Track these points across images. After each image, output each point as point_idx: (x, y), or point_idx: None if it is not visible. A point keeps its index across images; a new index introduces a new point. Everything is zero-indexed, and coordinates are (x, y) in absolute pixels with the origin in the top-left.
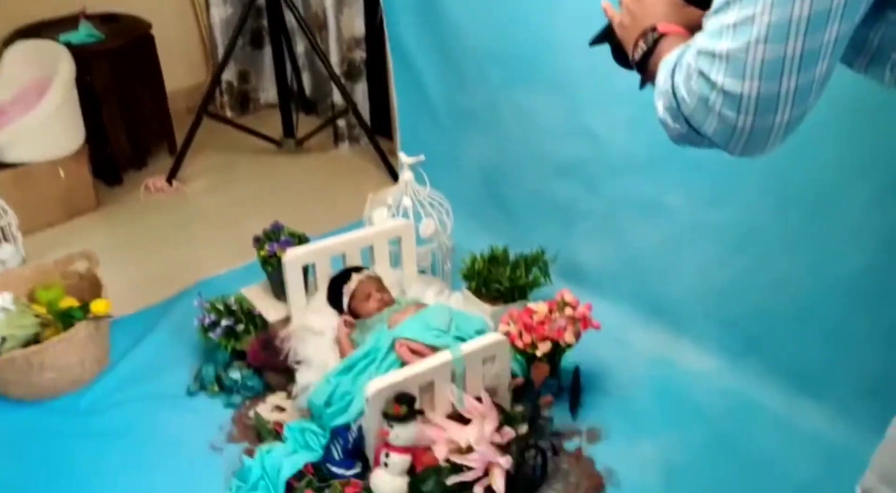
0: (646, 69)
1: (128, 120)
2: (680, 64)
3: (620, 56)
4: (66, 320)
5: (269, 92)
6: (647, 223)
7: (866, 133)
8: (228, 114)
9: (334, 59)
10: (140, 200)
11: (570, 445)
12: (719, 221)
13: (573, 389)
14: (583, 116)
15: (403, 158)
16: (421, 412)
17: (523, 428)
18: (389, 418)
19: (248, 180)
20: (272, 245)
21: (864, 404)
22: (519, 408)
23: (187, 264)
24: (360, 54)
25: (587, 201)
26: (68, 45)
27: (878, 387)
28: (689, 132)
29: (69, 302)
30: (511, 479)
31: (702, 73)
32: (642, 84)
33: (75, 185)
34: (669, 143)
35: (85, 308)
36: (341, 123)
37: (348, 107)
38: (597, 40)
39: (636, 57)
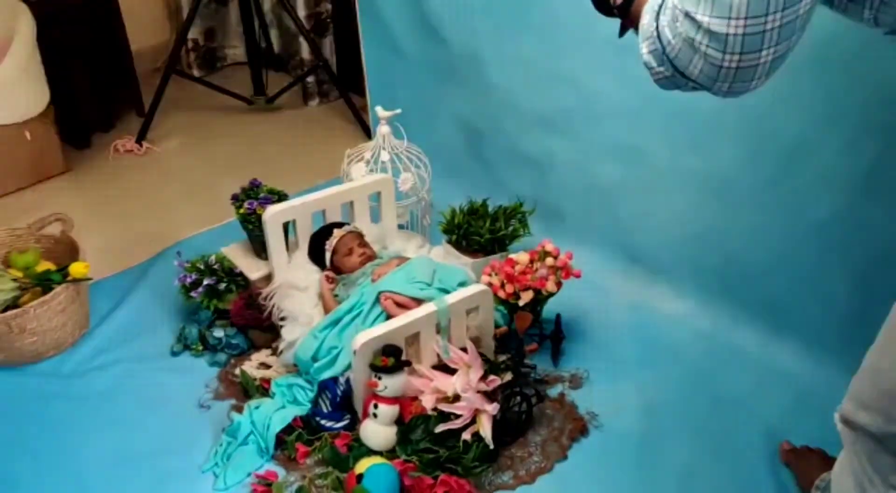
0: (628, 14)
1: (94, 81)
2: (665, 6)
3: (601, 3)
4: (44, 283)
5: (236, 49)
6: (626, 171)
7: (839, 80)
8: (196, 73)
9: (300, 13)
10: (109, 161)
11: (553, 391)
12: (697, 167)
13: (555, 336)
14: (566, 63)
15: (380, 112)
16: (408, 363)
17: (508, 376)
18: (377, 369)
19: (219, 139)
20: (251, 203)
21: (835, 344)
22: (503, 357)
23: (164, 225)
24: (326, 7)
25: (567, 150)
26: (27, 2)
27: (849, 327)
28: (673, 75)
29: (46, 266)
30: (497, 425)
31: (687, 15)
32: (622, 32)
33: (43, 147)
34: (650, 90)
35: (63, 271)
36: (310, 79)
37: (318, 63)
38: None
39: (618, 1)
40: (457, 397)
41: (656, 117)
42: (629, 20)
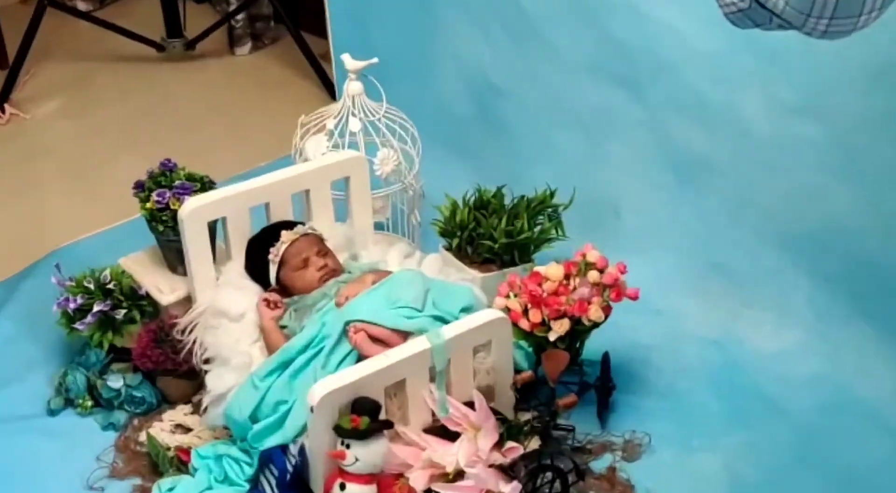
0: None
1: None
2: None
3: None
4: None
5: None
6: (708, 139)
7: None
8: (81, 5)
9: None
10: None
11: (599, 464)
12: (812, 135)
13: (602, 385)
14: None
15: (348, 61)
16: (389, 425)
17: (534, 443)
18: (344, 434)
19: (115, 101)
20: (162, 193)
21: None
22: (526, 415)
23: (34, 224)
24: None
25: (625, 111)
26: None
27: None
28: (751, 6)
29: None
30: None
31: None
32: None
33: None
34: None
35: None
36: (240, 16)
37: None
38: None
39: None
40: (460, 474)
41: (751, 63)
42: None
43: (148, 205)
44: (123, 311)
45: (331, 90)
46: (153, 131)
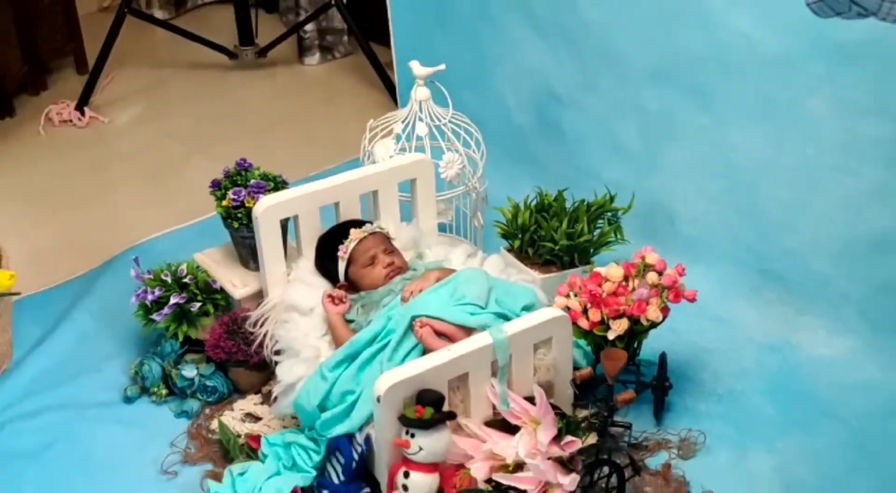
0: None
1: (19, 25)
2: None
3: None
4: None
5: None
6: (773, 144)
7: None
8: (159, 14)
9: None
10: (41, 135)
11: (655, 460)
12: (883, 137)
13: (659, 384)
14: None
15: (416, 68)
16: (452, 416)
17: (591, 438)
18: (409, 424)
19: (191, 107)
20: (238, 192)
21: None
22: (585, 411)
23: (114, 221)
24: None
25: (689, 116)
26: None
27: None
28: None
29: None
30: None
31: None
32: None
33: None
34: (810, 28)
35: None
36: (310, 27)
37: (330, 1)
38: None
39: None
40: (520, 466)
41: (820, 67)
42: None
43: (224, 202)
44: (198, 304)
45: (395, 96)
46: (225, 135)
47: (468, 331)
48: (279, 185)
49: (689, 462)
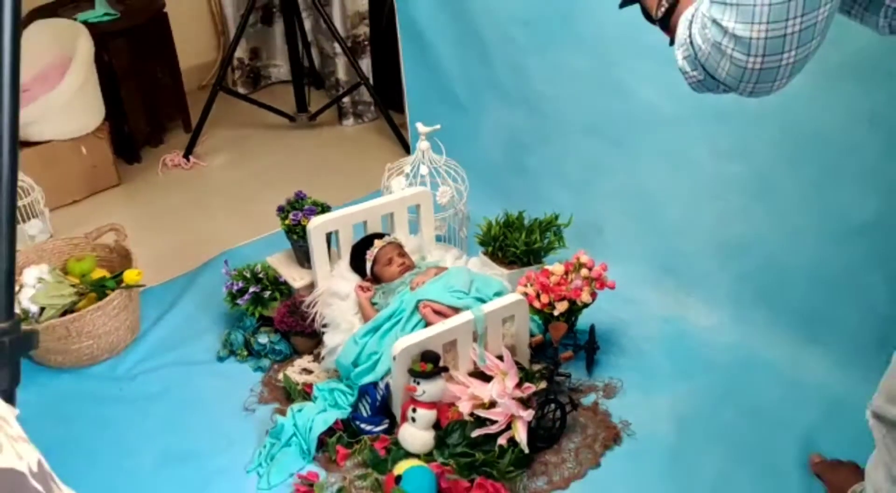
0: (668, 27)
1: (144, 98)
2: (696, 16)
3: (649, 15)
4: (99, 289)
5: (279, 68)
6: (669, 177)
7: (878, 83)
8: (241, 90)
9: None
10: (159, 176)
11: (587, 399)
12: (739, 172)
13: (589, 347)
14: (613, 72)
15: (420, 127)
16: (446, 369)
17: (543, 384)
18: (416, 375)
19: (263, 154)
20: (296, 214)
21: (871, 355)
22: (538, 365)
23: (211, 235)
24: (363, 30)
25: (612, 159)
26: (85, 24)
27: (885, 336)
28: (705, 78)
29: (101, 273)
30: (532, 431)
31: (714, 21)
32: (671, 41)
33: (97, 161)
34: (694, 98)
35: (117, 278)
36: (346, 100)
37: (361, 81)
38: (626, 2)
39: (659, 15)
40: (493, 404)
41: (700, 124)
42: (670, 31)
43: (286, 221)
44: (269, 292)
45: (406, 147)
46: (288, 175)
47: (457, 310)
48: (325, 209)
49: (611, 401)
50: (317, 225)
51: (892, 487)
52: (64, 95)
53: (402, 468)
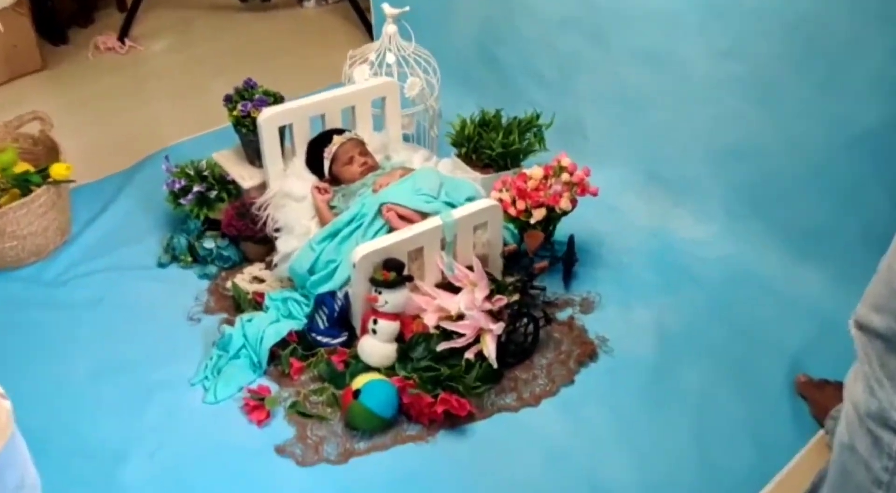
0: None
1: None
2: None
3: None
4: (23, 185)
5: None
6: (656, 77)
7: None
8: None
9: None
10: (90, 59)
11: (562, 314)
12: (737, 73)
13: (567, 258)
14: None
15: (386, 9)
16: (410, 279)
17: (515, 297)
18: (377, 284)
19: (209, 40)
20: (245, 104)
21: (868, 272)
22: (511, 277)
23: (150, 128)
24: None
25: (593, 56)
26: None
27: (883, 248)
28: None
29: (24, 167)
30: (502, 346)
31: None
32: None
33: (17, 41)
34: None
35: (43, 173)
36: None
37: None
38: None
39: None
40: (460, 317)
41: (693, 19)
42: None
43: (234, 113)
44: (215, 192)
45: (371, 35)
46: (239, 63)
47: (424, 215)
48: (278, 100)
49: (588, 316)
50: (268, 117)
51: (870, 398)
52: None
53: (360, 381)
